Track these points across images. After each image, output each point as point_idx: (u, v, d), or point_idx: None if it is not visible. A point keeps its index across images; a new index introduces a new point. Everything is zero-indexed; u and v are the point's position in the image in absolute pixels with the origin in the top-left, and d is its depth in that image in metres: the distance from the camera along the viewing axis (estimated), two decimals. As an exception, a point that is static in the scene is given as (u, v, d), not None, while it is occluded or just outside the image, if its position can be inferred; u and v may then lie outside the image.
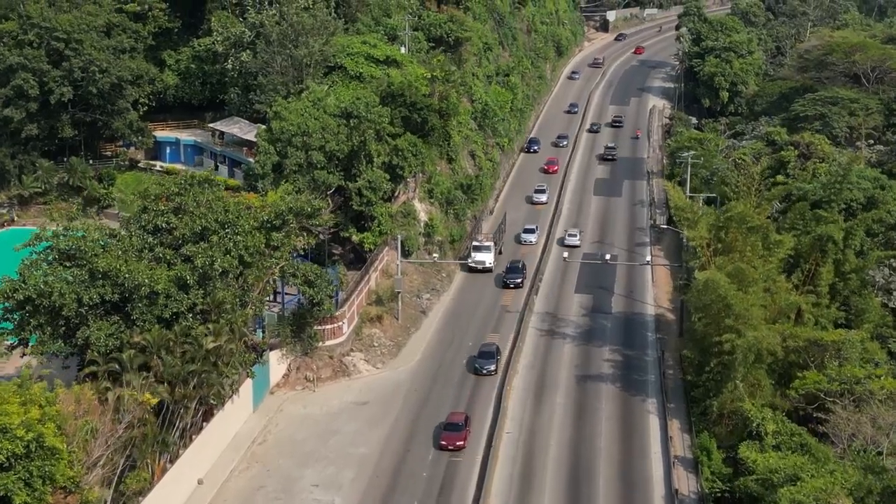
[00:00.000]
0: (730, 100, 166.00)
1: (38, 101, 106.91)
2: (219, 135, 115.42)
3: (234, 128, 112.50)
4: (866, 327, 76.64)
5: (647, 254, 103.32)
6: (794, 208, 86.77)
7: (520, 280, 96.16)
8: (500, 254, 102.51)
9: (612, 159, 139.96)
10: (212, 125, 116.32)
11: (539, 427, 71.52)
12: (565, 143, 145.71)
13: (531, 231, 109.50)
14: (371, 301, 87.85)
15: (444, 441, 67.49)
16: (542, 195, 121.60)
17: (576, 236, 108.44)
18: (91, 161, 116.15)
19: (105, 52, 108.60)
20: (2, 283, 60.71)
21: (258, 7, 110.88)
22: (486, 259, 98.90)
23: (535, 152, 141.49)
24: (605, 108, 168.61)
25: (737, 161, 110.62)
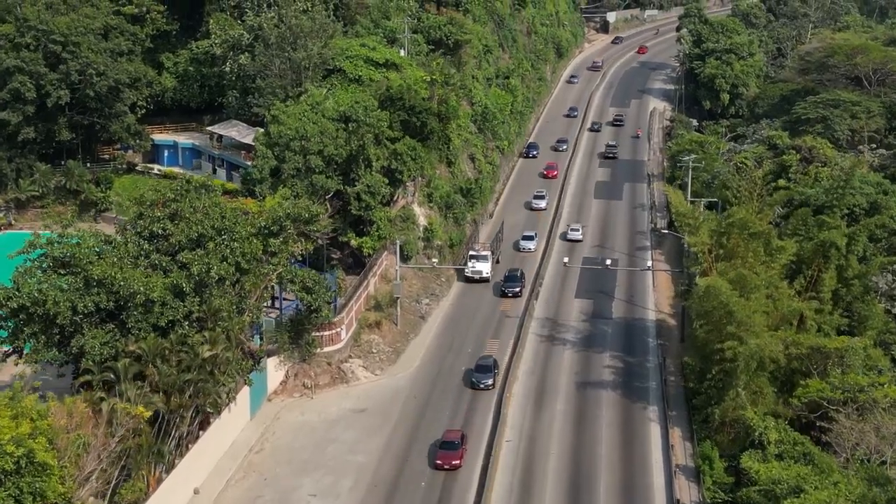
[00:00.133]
0: (730, 102, 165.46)
1: (35, 105, 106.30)
2: (217, 138, 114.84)
3: (233, 131, 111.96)
4: (869, 334, 75.90)
5: (648, 258, 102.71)
6: (797, 214, 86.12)
7: (518, 289, 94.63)
8: (497, 263, 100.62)
9: (613, 157, 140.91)
10: (210, 128, 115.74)
11: (539, 435, 70.81)
12: (565, 146, 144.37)
13: (530, 238, 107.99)
14: (370, 306, 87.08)
15: (439, 460, 65.78)
16: (542, 201, 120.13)
17: (578, 231, 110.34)
18: (88, 164, 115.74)
19: (102, 54, 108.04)
20: (-4, 291, 60.05)
21: (256, 10, 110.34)
22: (484, 269, 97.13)
23: (534, 157, 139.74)
24: (606, 110, 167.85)
25: (738, 165, 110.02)
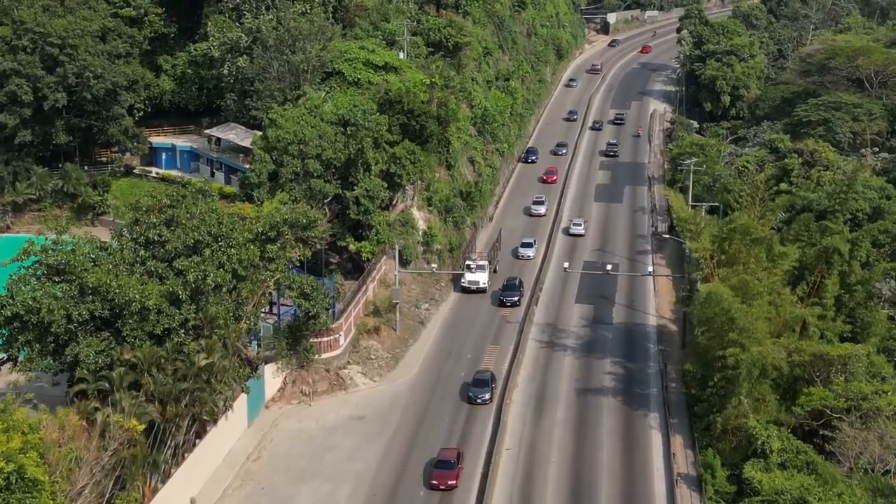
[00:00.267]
0: (731, 104, 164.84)
1: (32, 107, 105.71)
2: (215, 141, 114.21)
3: (231, 134, 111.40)
4: (873, 341, 75.41)
5: (649, 262, 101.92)
6: (799, 219, 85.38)
7: (517, 298, 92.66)
8: (494, 272, 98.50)
9: (614, 155, 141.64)
10: (208, 131, 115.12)
11: (539, 442, 70.13)
12: (564, 150, 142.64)
13: (529, 245, 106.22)
14: (368, 312, 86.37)
15: (435, 480, 63.95)
16: (541, 207, 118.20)
17: (580, 225, 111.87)
18: (86, 167, 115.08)
19: (100, 57, 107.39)
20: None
21: (255, 12, 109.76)
22: (480, 279, 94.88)
23: (532, 162, 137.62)
24: (606, 112, 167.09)
25: (740, 169, 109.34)
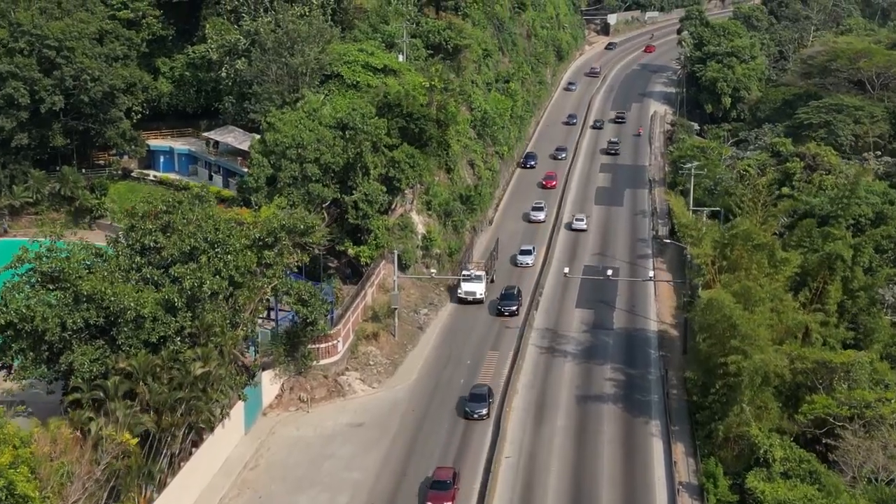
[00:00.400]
0: (732, 105, 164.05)
1: (29, 110, 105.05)
2: (213, 144, 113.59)
3: (229, 137, 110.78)
4: (876, 347, 74.72)
5: (650, 266, 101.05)
6: (801, 225, 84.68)
7: (515, 307, 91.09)
8: (492, 282, 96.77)
9: (615, 153, 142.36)
10: (206, 134, 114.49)
11: (539, 451, 69.35)
12: (564, 154, 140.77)
13: (528, 252, 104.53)
14: (367, 317, 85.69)
15: (430, 501, 62.34)
16: (540, 213, 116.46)
17: (583, 220, 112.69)
18: (83, 170, 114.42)
19: (97, 59, 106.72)
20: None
21: (253, 14, 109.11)
22: (477, 290, 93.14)
23: (531, 167, 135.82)
24: (607, 114, 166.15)
25: (741, 173, 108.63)
